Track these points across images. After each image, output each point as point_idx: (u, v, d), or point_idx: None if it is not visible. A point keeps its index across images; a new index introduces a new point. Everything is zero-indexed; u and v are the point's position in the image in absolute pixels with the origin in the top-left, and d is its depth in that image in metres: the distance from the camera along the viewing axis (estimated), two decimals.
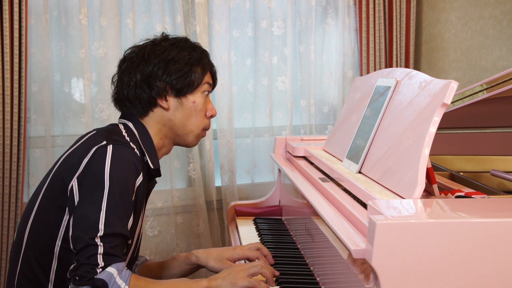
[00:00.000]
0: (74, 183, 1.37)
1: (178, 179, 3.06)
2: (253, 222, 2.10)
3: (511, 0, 2.69)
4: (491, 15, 2.81)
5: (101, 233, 1.29)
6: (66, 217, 1.39)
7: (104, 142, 1.39)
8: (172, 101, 1.54)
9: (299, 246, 1.77)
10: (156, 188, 2.94)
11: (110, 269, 1.27)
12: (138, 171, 1.41)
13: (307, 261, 1.63)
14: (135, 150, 1.42)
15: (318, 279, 1.49)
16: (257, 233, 1.96)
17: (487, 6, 2.83)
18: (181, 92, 1.54)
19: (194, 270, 1.68)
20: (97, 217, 1.30)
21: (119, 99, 1.58)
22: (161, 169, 1.62)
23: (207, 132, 1.68)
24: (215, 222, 3.09)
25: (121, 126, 1.52)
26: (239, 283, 1.40)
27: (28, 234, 1.45)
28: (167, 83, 1.52)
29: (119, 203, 1.33)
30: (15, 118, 2.53)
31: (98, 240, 1.28)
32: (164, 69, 1.52)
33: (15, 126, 2.53)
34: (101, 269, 1.27)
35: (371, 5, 3.20)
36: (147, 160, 1.51)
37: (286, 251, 1.73)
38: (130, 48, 1.60)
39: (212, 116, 1.61)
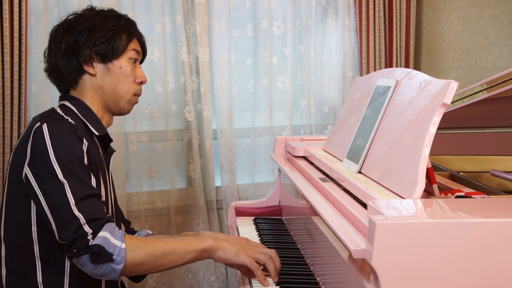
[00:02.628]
0: (26, 170, 1.40)
1: (178, 179, 3.06)
2: (253, 222, 2.10)
3: (511, 0, 2.70)
4: (491, 15, 2.81)
5: (73, 202, 1.32)
6: (33, 203, 1.42)
7: (39, 123, 1.42)
8: (98, 67, 1.56)
9: (299, 246, 1.77)
10: (156, 188, 2.99)
11: (102, 233, 1.31)
12: (79, 138, 1.42)
13: (307, 261, 1.63)
14: (69, 120, 1.44)
15: (318, 279, 1.49)
16: (257, 233, 1.96)
17: (487, 6, 2.83)
18: (106, 57, 1.55)
19: None
20: (63, 192, 1.33)
21: (50, 71, 1.60)
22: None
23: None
24: (215, 222, 3.08)
25: (57, 107, 1.54)
26: (241, 257, 1.42)
27: (4, 232, 1.48)
28: (91, 49, 1.54)
29: (73, 170, 1.36)
30: (15, 118, 2.53)
31: (76, 212, 1.32)
32: (87, 37, 1.53)
33: (15, 126, 2.53)
34: (92, 236, 1.30)
35: (371, 5, 3.20)
36: (92, 130, 1.53)
37: (286, 251, 1.73)
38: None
39: (142, 83, 1.62)
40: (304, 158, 1.97)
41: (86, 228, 1.31)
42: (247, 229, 2.01)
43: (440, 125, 1.23)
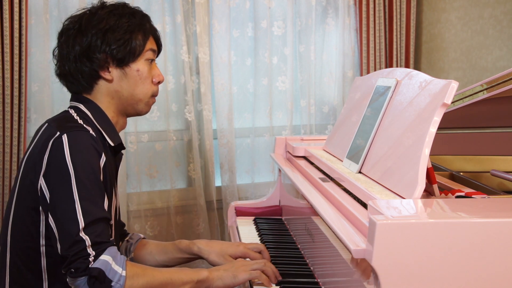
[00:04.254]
0: (41, 182, 1.35)
1: (178, 179, 3.06)
2: (253, 222, 2.10)
3: (511, 0, 2.70)
4: (491, 15, 2.81)
5: (82, 225, 1.29)
6: (42, 217, 1.38)
7: (58, 133, 1.36)
8: (115, 72, 1.48)
9: (299, 246, 1.77)
10: (156, 188, 2.99)
11: (104, 256, 1.28)
12: (99, 152, 1.38)
13: (307, 261, 1.63)
14: (91, 131, 1.39)
15: (318, 279, 1.49)
16: (257, 233, 1.95)
17: (487, 6, 2.83)
18: (123, 61, 1.47)
19: (193, 259, 1.67)
20: (74, 210, 1.30)
21: (62, 74, 1.52)
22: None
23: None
24: (215, 222, 3.09)
25: (72, 111, 1.48)
26: (240, 276, 1.42)
27: (11, 241, 1.43)
28: (107, 54, 1.45)
29: (89, 188, 1.33)
30: (15, 118, 2.53)
31: (82, 234, 1.28)
32: (102, 40, 1.45)
33: (15, 126, 2.54)
34: (93, 258, 1.27)
35: (371, 5, 3.20)
36: (107, 139, 1.48)
37: (286, 251, 1.73)
38: (67, 19, 1.51)
39: (159, 82, 1.56)
40: (304, 158, 1.97)
41: (90, 250, 1.27)
42: (247, 229, 2.01)
43: (440, 125, 1.23)
